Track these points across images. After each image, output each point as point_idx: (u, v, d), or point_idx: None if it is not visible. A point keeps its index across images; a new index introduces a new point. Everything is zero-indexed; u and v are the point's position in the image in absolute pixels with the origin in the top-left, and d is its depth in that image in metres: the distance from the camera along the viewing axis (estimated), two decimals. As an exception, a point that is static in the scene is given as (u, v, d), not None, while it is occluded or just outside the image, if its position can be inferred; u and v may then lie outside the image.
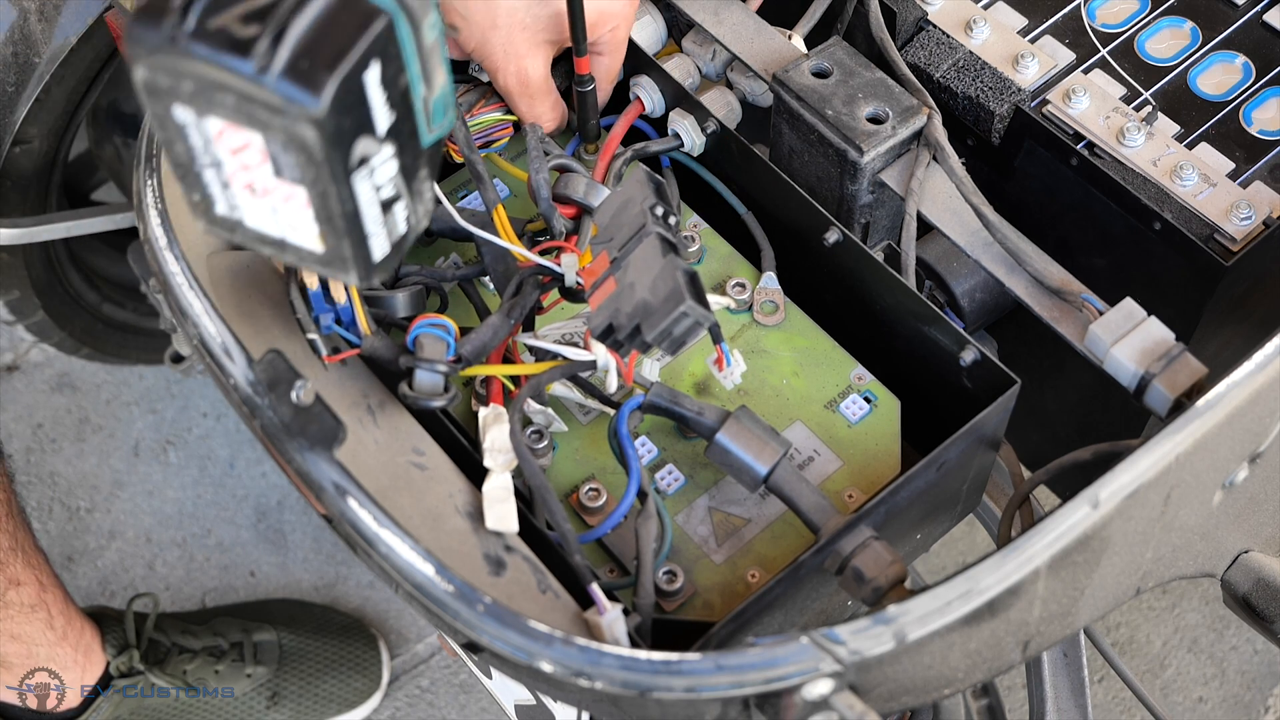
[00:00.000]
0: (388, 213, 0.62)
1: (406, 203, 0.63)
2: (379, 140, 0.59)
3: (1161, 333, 0.80)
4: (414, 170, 0.62)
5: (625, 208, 0.79)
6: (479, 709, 1.65)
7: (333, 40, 0.55)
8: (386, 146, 0.60)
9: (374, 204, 0.61)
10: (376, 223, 0.62)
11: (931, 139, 0.90)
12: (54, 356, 1.86)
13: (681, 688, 0.68)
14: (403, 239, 0.64)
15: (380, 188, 0.61)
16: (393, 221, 0.63)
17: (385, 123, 0.59)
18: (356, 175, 0.59)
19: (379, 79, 0.57)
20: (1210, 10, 1.00)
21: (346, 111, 0.57)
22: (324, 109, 0.55)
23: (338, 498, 0.73)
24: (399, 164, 0.61)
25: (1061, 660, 1.04)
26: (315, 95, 0.55)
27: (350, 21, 0.56)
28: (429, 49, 0.60)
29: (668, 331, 0.74)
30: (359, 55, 0.56)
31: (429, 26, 0.60)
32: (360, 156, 0.59)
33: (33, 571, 1.35)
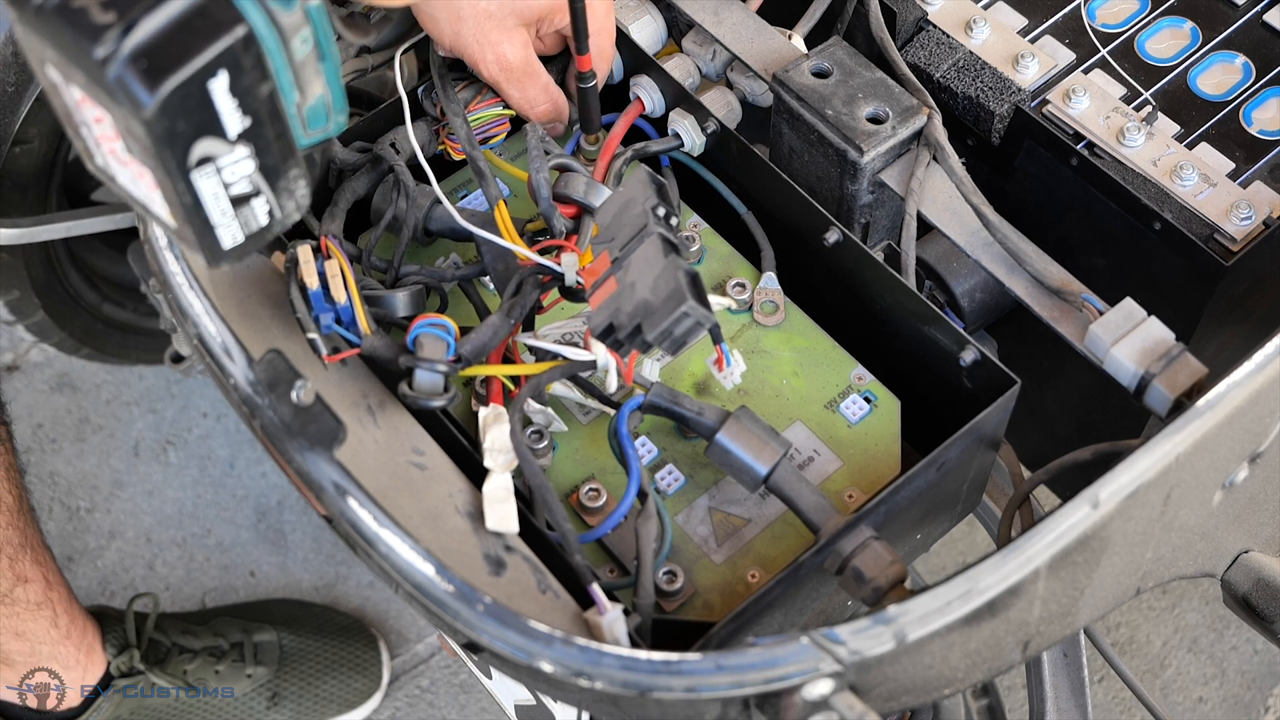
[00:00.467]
0: (242, 206, 0.63)
1: (269, 198, 0.63)
2: (228, 143, 0.60)
3: (1161, 333, 0.80)
4: (281, 169, 0.63)
5: (627, 208, 0.79)
6: (479, 709, 1.65)
7: (179, 45, 0.56)
8: (239, 148, 0.61)
9: (221, 199, 0.62)
10: (225, 215, 0.63)
11: (931, 139, 0.90)
12: (54, 356, 1.86)
13: (681, 688, 0.68)
14: (264, 230, 0.65)
15: (230, 184, 0.62)
16: (249, 214, 0.63)
17: (238, 127, 0.60)
18: (196, 172, 0.60)
19: (228, 87, 0.58)
20: (1210, 10, 1.00)
21: (183, 115, 0.58)
22: (153, 111, 0.56)
23: (338, 498, 0.73)
24: (257, 164, 0.62)
25: (1061, 660, 1.04)
26: (147, 95, 0.56)
27: (203, 28, 0.57)
28: (301, 61, 0.61)
29: (669, 331, 0.74)
30: (202, 64, 0.57)
31: (300, 41, 0.61)
32: (201, 156, 0.60)
33: (40, 569, 1.35)
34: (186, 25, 0.56)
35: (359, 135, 0.94)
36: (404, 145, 0.93)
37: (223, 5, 0.57)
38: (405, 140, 0.93)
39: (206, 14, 0.57)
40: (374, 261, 0.89)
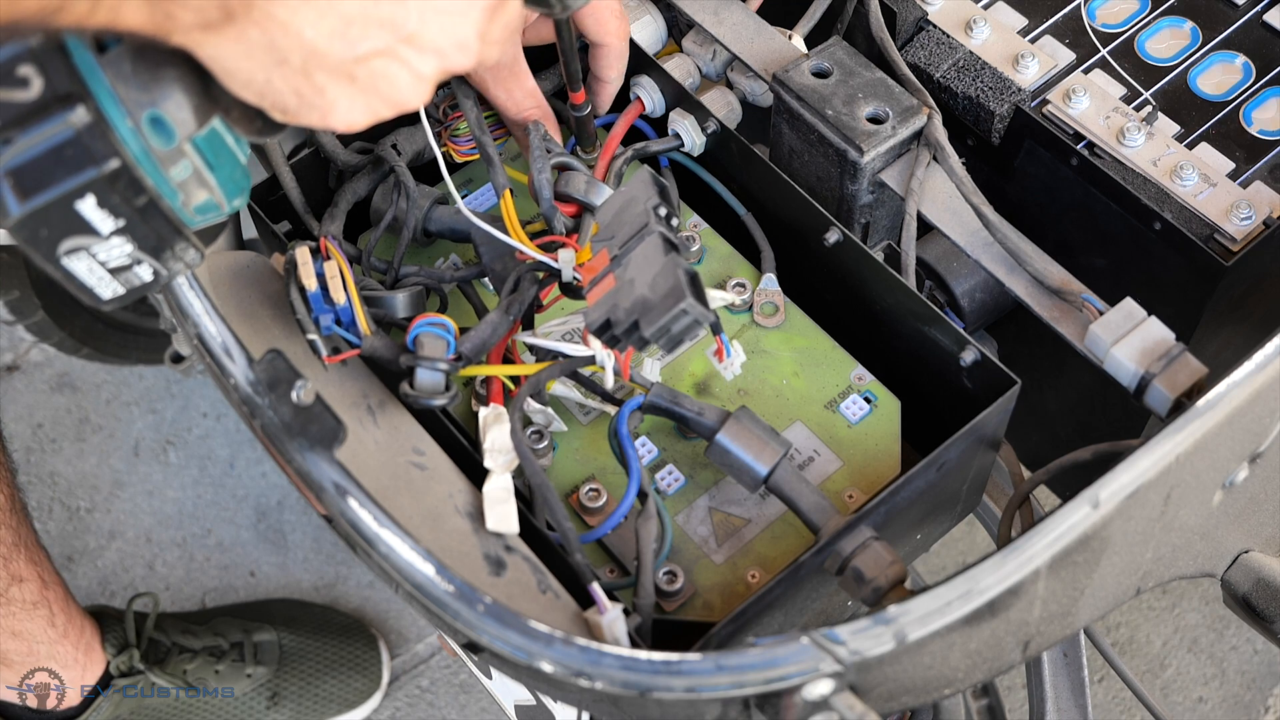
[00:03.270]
0: (122, 273, 0.64)
1: (152, 264, 0.65)
2: (101, 237, 0.61)
3: (1161, 333, 0.80)
4: (164, 247, 0.64)
5: (628, 207, 0.79)
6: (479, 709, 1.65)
7: (49, 170, 0.58)
8: (114, 239, 0.62)
9: (97, 270, 0.63)
10: (103, 280, 0.64)
11: (931, 139, 0.90)
12: (54, 356, 1.86)
13: (682, 688, 0.68)
14: (148, 285, 0.66)
15: (107, 263, 0.63)
16: (130, 276, 0.65)
17: (110, 227, 0.61)
18: (69, 258, 0.62)
19: (95, 204, 0.60)
20: (1210, 10, 1.00)
21: (48, 225, 0.60)
22: (15, 221, 0.59)
23: (338, 498, 0.73)
24: (135, 246, 0.63)
25: (1061, 660, 1.04)
26: (15, 206, 0.58)
27: (74, 159, 0.59)
28: (180, 182, 0.64)
29: (666, 328, 0.74)
30: (66, 191, 0.59)
31: (179, 169, 0.63)
32: (71, 248, 0.61)
33: (35, 568, 1.35)
34: (59, 153, 0.58)
35: (359, 135, 0.94)
36: (405, 147, 0.93)
37: (102, 134, 0.59)
38: (407, 141, 0.93)
39: (81, 144, 0.58)
40: (373, 262, 0.89)
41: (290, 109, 0.63)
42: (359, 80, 0.64)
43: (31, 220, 0.59)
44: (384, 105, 0.66)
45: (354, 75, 0.63)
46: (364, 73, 0.63)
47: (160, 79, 0.61)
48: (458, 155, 0.93)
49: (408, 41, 0.63)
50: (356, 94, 0.64)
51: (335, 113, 0.64)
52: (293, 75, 0.61)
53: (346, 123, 0.65)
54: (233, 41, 0.59)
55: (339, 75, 0.63)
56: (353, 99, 0.64)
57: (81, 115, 0.58)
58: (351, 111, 0.65)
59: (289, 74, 0.61)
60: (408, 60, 0.64)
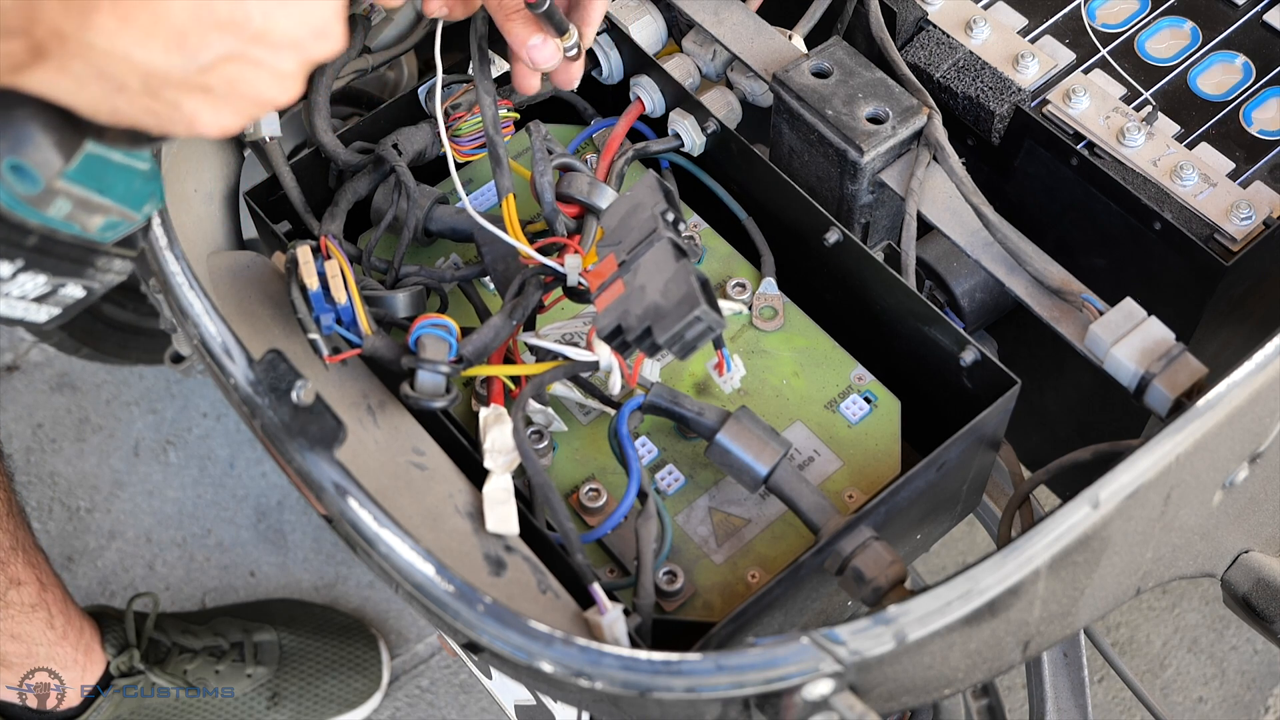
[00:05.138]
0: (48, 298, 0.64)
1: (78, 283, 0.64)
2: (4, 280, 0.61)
3: (1161, 333, 0.80)
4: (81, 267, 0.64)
5: (635, 212, 0.79)
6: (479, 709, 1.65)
7: None
8: (20, 276, 0.61)
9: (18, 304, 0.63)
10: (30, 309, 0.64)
11: (931, 139, 0.90)
12: (54, 356, 1.86)
13: (682, 688, 0.68)
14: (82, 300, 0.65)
15: (27, 294, 0.63)
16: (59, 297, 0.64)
17: (9, 269, 0.61)
18: None
19: None
20: (1210, 10, 1.00)
21: None
22: None
23: (338, 498, 0.72)
24: (48, 276, 0.63)
25: (1061, 660, 1.04)
26: None
27: None
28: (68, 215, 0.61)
29: (680, 335, 0.74)
30: None
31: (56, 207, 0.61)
32: None
33: (33, 571, 1.35)
34: None
35: (360, 135, 0.94)
36: (406, 147, 0.93)
37: None
38: (407, 141, 0.93)
39: None
40: (374, 262, 0.89)
41: (152, 126, 0.60)
42: (214, 89, 0.60)
43: None
44: (251, 107, 0.62)
45: (207, 86, 0.59)
46: (218, 81, 0.59)
47: (12, 122, 0.58)
48: (459, 155, 0.93)
49: (257, 41, 0.59)
50: (217, 103, 0.60)
51: (200, 123, 0.60)
52: (138, 98, 0.58)
53: (217, 130, 0.61)
54: (57, 77, 0.56)
55: (189, 89, 0.59)
56: (215, 108, 0.60)
57: None
58: (218, 119, 0.61)
59: (134, 97, 0.58)
60: (262, 60, 0.60)
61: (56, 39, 0.54)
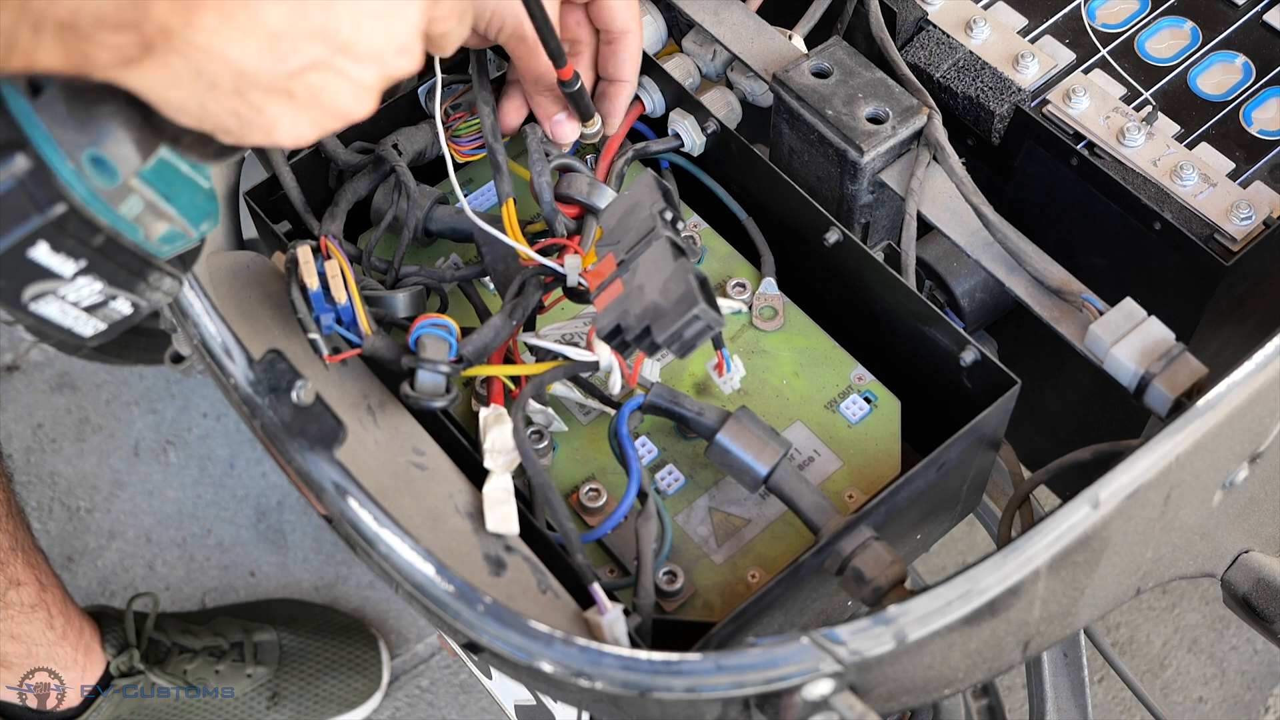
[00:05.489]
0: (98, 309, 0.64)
1: (128, 298, 0.64)
2: (65, 280, 0.61)
3: (1161, 333, 0.80)
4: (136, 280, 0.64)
5: (633, 211, 0.79)
6: (479, 709, 1.65)
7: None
8: (79, 279, 0.61)
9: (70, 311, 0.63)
10: (79, 319, 0.64)
11: (931, 139, 0.90)
12: (54, 356, 1.86)
13: (682, 688, 0.68)
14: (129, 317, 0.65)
15: (80, 302, 0.63)
16: (108, 311, 0.64)
17: (71, 270, 0.61)
18: (37, 303, 0.61)
19: (49, 249, 0.59)
20: (1210, 10, 1.00)
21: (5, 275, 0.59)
22: None
23: (338, 498, 0.73)
24: (104, 284, 0.63)
25: (1061, 660, 1.04)
26: None
27: (18, 208, 0.57)
28: (135, 217, 0.62)
29: (679, 334, 0.74)
30: (14, 241, 0.58)
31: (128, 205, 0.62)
32: (36, 294, 0.61)
33: (33, 571, 1.35)
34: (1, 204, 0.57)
35: (360, 135, 0.94)
36: (406, 147, 0.93)
37: (42, 183, 0.58)
38: (408, 141, 0.93)
39: (24, 192, 0.57)
40: (374, 262, 0.89)
41: (232, 130, 0.62)
42: (297, 96, 0.61)
43: None
44: (328, 118, 0.64)
45: (291, 91, 0.61)
46: (301, 88, 0.61)
47: (97, 117, 0.59)
48: (459, 155, 0.93)
49: (343, 51, 0.61)
50: (298, 110, 0.62)
51: (278, 130, 0.62)
52: (226, 98, 0.60)
53: (293, 138, 0.63)
54: (156, 73, 0.57)
55: (275, 93, 0.61)
56: (295, 115, 0.62)
57: (21, 164, 0.57)
58: (295, 128, 0.63)
59: (222, 97, 0.59)
60: (346, 71, 0.62)
61: (163, 35, 0.56)
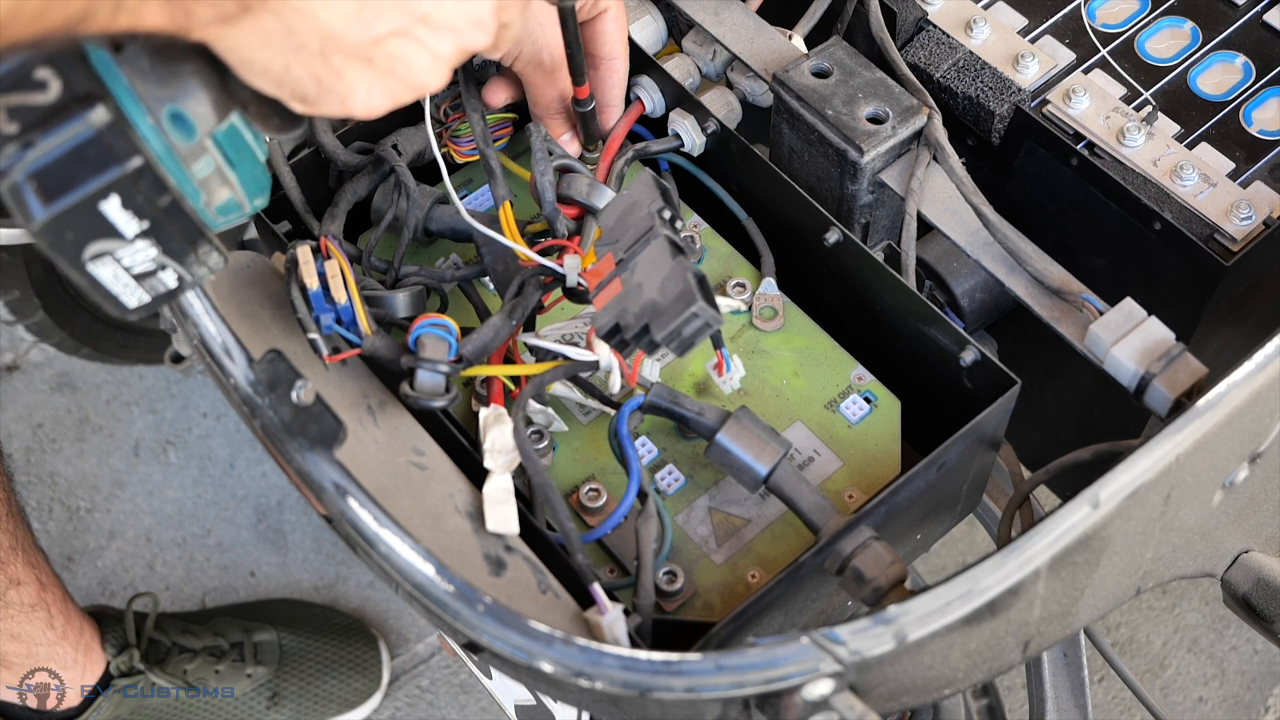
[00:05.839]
0: (147, 279, 0.64)
1: (176, 269, 0.64)
2: (125, 240, 0.61)
3: (1161, 333, 0.80)
4: (188, 250, 0.64)
5: (631, 210, 0.79)
6: (479, 709, 1.65)
7: (72, 171, 0.58)
8: (138, 242, 0.62)
9: (123, 277, 0.63)
10: (128, 287, 0.64)
11: (931, 139, 0.90)
12: (54, 356, 1.86)
13: (682, 688, 0.68)
14: (173, 292, 0.66)
15: (132, 268, 0.63)
16: (155, 282, 0.64)
17: (134, 230, 0.61)
18: (94, 263, 0.61)
19: (120, 205, 0.59)
20: (1210, 10, 1.00)
21: (73, 228, 0.59)
22: (40, 226, 0.58)
23: (338, 498, 0.73)
24: (160, 250, 0.63)
25: (1061, 660, 1.04)
26: (39, 210, 0.58)
27: (96, 158, 0.58)
28: (203, 180, 0.64)
29: (677, 332, 0.74)
30: (91, 192, 0.58)
31: (201, 165, 0.63)
32: (97, 253, 0.61)
33: (33, 571, 1.35)
34: (82, 153, 0.58)
35: (359, 135, 0.94)
36: (405, 147, 0.93)
37: (123, 132, 0.58)
38: (407, 141, 0.93)
39: (103, 143, 0.58)
40: (374, 262, 0.89)
41: (309, 95, 0.63)
42: (376, 63, 0.63)
43: (56, 224, 0.58)
44: (402, 88, 0.65)
45: (371, 58, 0.63)
46: (381, 55, 0.63)
47: (178, 74, 0.61)
48: (458, 156, 0.93)
49: (423, 21, 0.63)
50: (375, 77, 0.64)
51: (354, 97, 0.64)
52: (310, 60, 0.61)
53: (366, 107, 0.65)
54: (250, 31, 0.59)
55: (356, 58, 0.63)
56: (371, 82, 0.64)
57: (101, 115, 0.58)
58: (371, 95, 0.64)
59: (307, 59, 0.61)
60: (424, 40, 0.64)
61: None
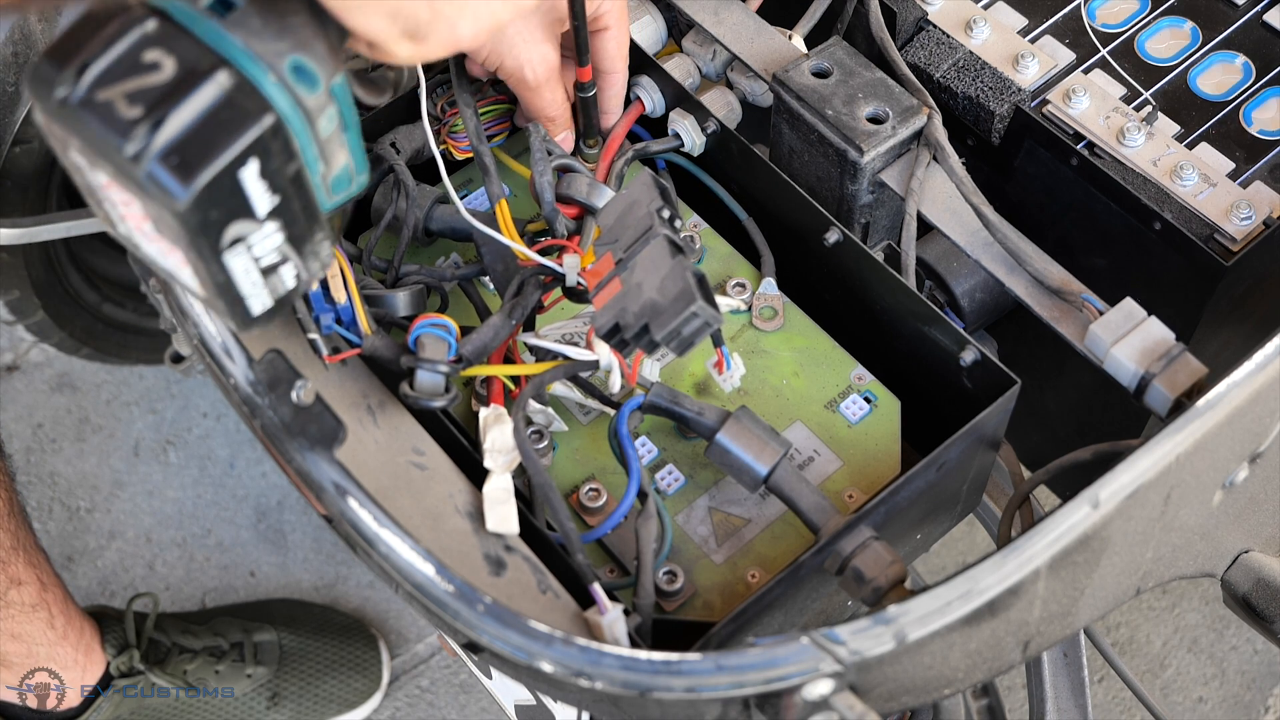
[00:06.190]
0: (271, 275, 0.63)
1: (296, 264, 0.64)
2: (258, 221, 0.60)
3: (1161, 333, 0.80)
4: (308, 236, 0.63)
5: (631, 210, 0.79)
6: (479, 709, 1.65)
7: (209, 138, 0.56)
8: (268, 224, 0.61)
9: (252, 272, 0.62)
10: (255, 286, 0.63)
11: (931, 139, 0.90)
12: (54, 356, 1.86)
13: (682, 688, 0.68)
14: (291, 293, 0.65)
15: (260, 258, 0.62)
16: (276, 281, 0.64)
17: (266, 206, 0.60)
18: (229, 253, 0.60)
19: (258, 172, 0.58)
20: (1210, 10, 1.00)
21: (216, 204, 0.58)
22: (187, 204, 0.56)
23: (338, 498, 0.73)
24: (285, 235, 0.62)
25: (1061, 660, 1.04)
26: (182, 189, 0.56)
27: (231, 120, 0.57)
28: (326, 138, 0.62)
29: (677, 331, 0.74)
30: (233, 156, 0.57)
31: (326, 119, 0.61)
32: (233, 238, 0.60)
33: (34, 571, 1.35)
34: (215, 118, 0.56)
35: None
36: (404, 145, 0.93)
37: (249, 94, 0.57)
38: (405, 140, 0.93)
39: (234, 105, 0.57)
40: (374, 261, 0.89)
41: (421, 26, 0.62)
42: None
43: (201, 201, 0.57)
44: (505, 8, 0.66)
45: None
46: None
47: (291, 26, 0.59)
48: (457, 153, 0.93)
49: None
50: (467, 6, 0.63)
51: (464, 19, 0.64)
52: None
53: (473, 32, 0.65)
54: None
55: None
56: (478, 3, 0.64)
57: (225, 79, 0.56)
58: (478, 19, 0.64)
59: None
60: None
61: None
